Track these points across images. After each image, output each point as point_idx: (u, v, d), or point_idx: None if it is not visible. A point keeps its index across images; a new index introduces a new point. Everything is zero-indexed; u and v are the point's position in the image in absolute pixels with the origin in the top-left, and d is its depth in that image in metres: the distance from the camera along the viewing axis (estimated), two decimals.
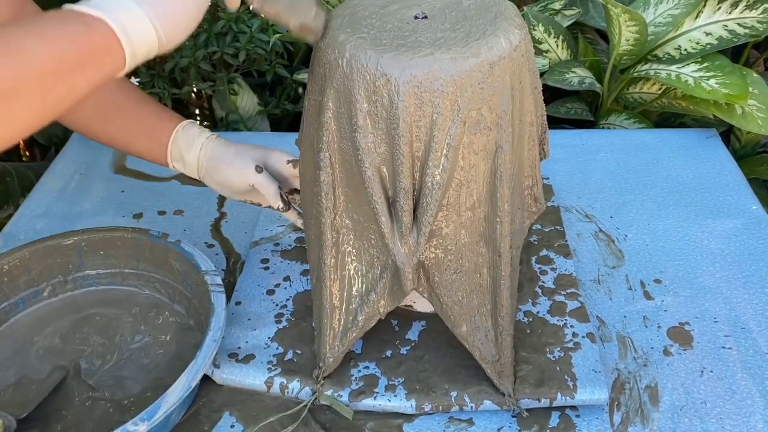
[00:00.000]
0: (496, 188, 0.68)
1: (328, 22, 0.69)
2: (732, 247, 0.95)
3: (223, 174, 0.80)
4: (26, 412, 0.73)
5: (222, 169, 0.80)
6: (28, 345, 0.81)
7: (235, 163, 0.80)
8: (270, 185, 0.80)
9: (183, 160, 0.81)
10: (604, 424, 0.74)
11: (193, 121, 0.82)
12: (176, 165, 0.82)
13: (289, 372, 0.77)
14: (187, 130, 0.81)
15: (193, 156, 0.81)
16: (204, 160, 0.81)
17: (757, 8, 1.14)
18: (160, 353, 0.80)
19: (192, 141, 0.80)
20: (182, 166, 0.82)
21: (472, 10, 0.70)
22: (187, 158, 0.81)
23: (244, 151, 0.81)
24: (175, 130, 0.80)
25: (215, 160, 0.80)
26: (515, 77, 0.67)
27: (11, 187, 1.24)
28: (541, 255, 0.92)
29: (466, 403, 0.74)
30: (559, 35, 1.28)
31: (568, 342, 0.79)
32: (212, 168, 0.81)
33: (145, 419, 0.65)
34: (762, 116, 1.11)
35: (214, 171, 0.81)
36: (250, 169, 0.79)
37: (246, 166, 0.80)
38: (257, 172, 0.79)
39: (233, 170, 0.80)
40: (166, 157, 0.81)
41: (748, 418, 0.74)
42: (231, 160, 0.80)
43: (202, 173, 0.82)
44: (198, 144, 0.80)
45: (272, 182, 0.81)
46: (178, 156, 0.81)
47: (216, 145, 0.81)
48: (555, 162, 1.09)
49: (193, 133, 0.81)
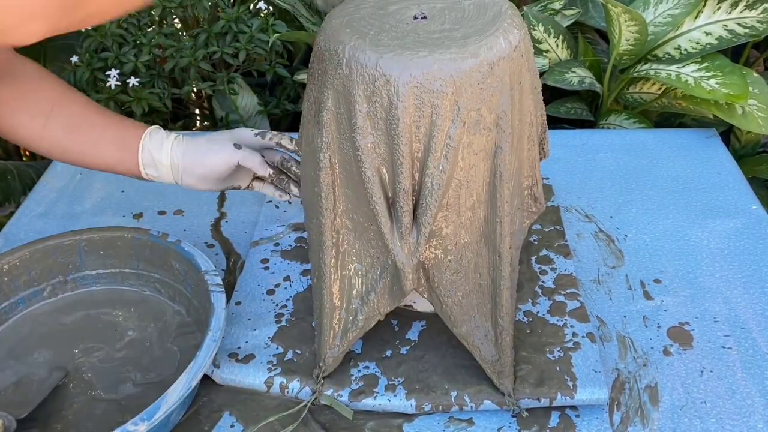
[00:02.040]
0: (496, 188, 0.68)
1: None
2: (732, 247, 0.95)
3: (205, 163, 0.80)
4: (26, 412, 0.73)
5: (203, 158, 0.80)
6: (28, 345, 0.81)
7: (214, 148, 0.80)
8: (254, 156, 0.81)
9: (156, 164, 0.80)
10: (604, 423, 0.74)
11: (158, 126, 0.83)
12: (149, 172, 0.81)
13: (289, 372, 0.77)
14: (154, 134, 0.81)
15: (165, 157, 0.80)
16: (179, 157, 0.80)
17: (757, 8, 1.14)
18: (160, 353, 0.80)
19: (161, 143, 0.80)
20: (155, 171, 0.81)
21: (471, 11, 0.70)
22: (161, 160, 0.80)
23: (216, 137, 0.82)
24: (143, 136, 0.80)
25: (192, 153, 0.80)
26: (515, 77, 0.67)
27: (12, 185, 1.24)
28: (541, 255, 0.92)
29: (466, 402, 0.74)
30: (559, 35, 1.28)
31: (568, 342, 0.79)
32: (191, 162, 0.81)
33: (145, 419, 0.65)
34: (762, 116, 1.11)
35: (193, 164, 0.81)
36: (230, 149, 0.80)
37: (225, 147, 0.80)
38: (237, 149, 0.80)
39: (214, 155, 0.80)
40: (138, 165, 0.81)
41: (748, 418, 0.74)
42: (208, 147, 0.80)
43: (178, 173, 0.81)
44: (168, 144, 0.80)
45: (254, 153, 0.81)
46: (150, 161, 0.80)
47: (186, 141, 0.81)
48: (555, 162, 1.09)
49: (161, 135, 0.81)
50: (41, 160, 1.52)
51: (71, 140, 0.80)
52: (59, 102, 0.80)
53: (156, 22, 1.28)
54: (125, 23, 1.23)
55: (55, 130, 0.79)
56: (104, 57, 1.20)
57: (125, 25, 1.23)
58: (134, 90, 1.18)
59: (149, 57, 1.20)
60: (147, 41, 1.20)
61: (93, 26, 0.58)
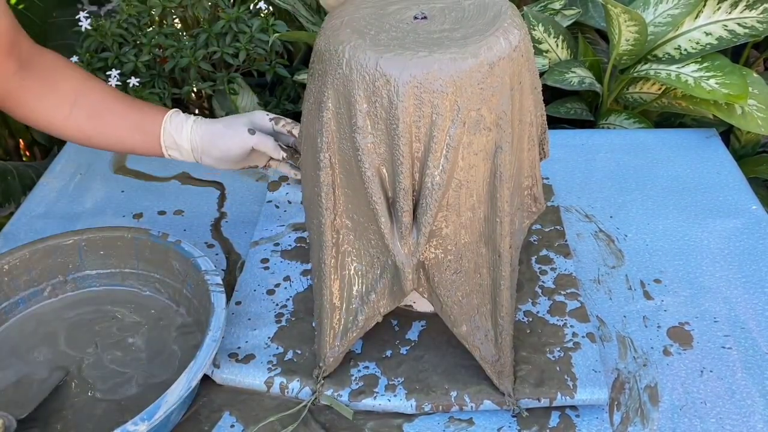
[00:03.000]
0: (496, 188, 0.68)
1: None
2: (732, 247, 0.95)
3: (221, 147, 0.84)
4: (26, 412, 0.73)
5: (219, 143, 0.84)
6: (28, 345, 0.81)
7: (229, 133, 0.84)
8: (267, 140, 0.85)
9: (177, 146, 0.85)
10: (604, 423, 0.74)
11: (177, 110, 0.86)
12: (171, 153, 0.86)
13: (289, 372, 0.77)
14: (174, 118, 0.85)
15: (185, 140, 0.85)
16: (197, 141, 0.85)
17: (757, 8, 1.14)
18: (160, 353, 0.80)
19: (181, 126, 0.84)
20: (178, 153, 0.86)
21: (471, 11, 0.70)
22: (181, 143, 0.85)
23: (232, 121, 0.85)
24: (164, 120, 0.84)
25: (209, 137, 0.84)
26: (515, 77, 0.67)
27: (12, 186, 1.24)
28: (541, 255, 0.92)
29: (466, 402, 0.74)
30: (559, 35, 1.28)
31: (568, 342, 0.79)
32: (208, 145, 0.85)
33: (145, 419, 0.65)
34: (762, 116, 1.11)
35: (211, 147, 0.85)
36: (245, 134, 0.84)
37: (240, 132, 0.84)
38: (251, 134, 0.84)
39: (230, 140, 0.84)
40: (160, 147, 0.85)
41: (748, 418, 0.74)
42: (224, 133, 0.84)
43: (198, 154, 0.86)
44: (187, 128, 0.84)
45: (268, 137, 0.86)
46: (171, 143, 0.85)
47: (204, 124, 0.85)
48: (555, 162, 1.09)
49: (180, 119, 0.85)
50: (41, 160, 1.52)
51: (95, 127, 0.84)
52: (82, 90, 0.83)
53: (156, 22, 1.28)
54: (125, 23, 1.23)
55: (79, 117, 0.83)
56: (104, 57, 1.20)
57: (125, 24, 1.23)
58: (135, 90, 1.18)
59: (149, 57, 1.20)
60: (147, 41, 1.20)
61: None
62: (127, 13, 1.23)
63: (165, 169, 1.12)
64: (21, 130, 1.52)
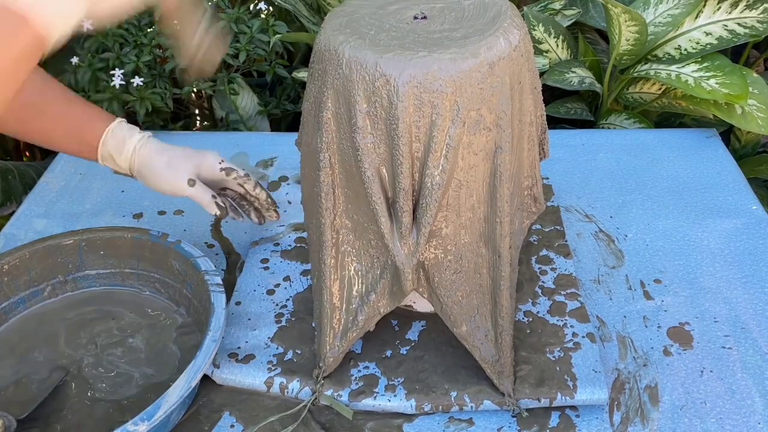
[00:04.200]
0: (496, 188, 0.68)
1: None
2: (732, 247, 0.95)
3: (155, 184, 0.81)
4: (26, 412, 0.73)
5: (154, 179, 0.81)
6: (28, 345, 0.81)
7: (167, 176, 0.80)
8: (204, 195, 0.81)
9: (114, 163, 0.82)
10: (604, 424, 0.74)
11: (121, 120, 0.81)
12: (108, 164, 0.82)
13: (289, 372, 0.77)
14: (116, 133, 0.80)
15: (124, 161, 0.81)
16: (136, 165, 0.81)
17: (757, 8, 1.14)
18: (160, 353, 0.80)
19: (122, 145, 0.80)
20: (115, 167, 0.82)
21: (471, 11, 0.70)
22: (119, 162, 0.81)
23: (176, 164, 0.80)
24: (104, 133, 0.80)
25: (147, 169, 0.80)
26: (515, 77, 0.67)
27: (13, 185, 1.24)
28: (541, 255, 0.92)
29: (466, 403, 0.74)
30: (559, 35, 1.28)
31: (568, 342, 0.79)
32: (144, 176, 0.81)
33: (145, 419, 0.65)
34: (762, 116, 1.11)
35: (146, 179, 0.82)
36: (183, 182, 0.80)
37: (179, 178, 0.80)
38: (189, 186, 0.80)
39: (165, 182, 0.80)
40: (97, 159, 0.82)
41: (748, 418, 0.74)
42: (162, 172, 0.80)
43: (135, 175, 0.83)
44: (129, 148, 0.80)
45: (206, 191, 0.81)
46: (109, 158, 0.81)
47: (147, 152, 0.80)
48: (555, 162, 1.09)
49: (123, 136, 0.80)
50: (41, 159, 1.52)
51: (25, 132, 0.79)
52: None
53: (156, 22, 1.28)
54: (126, 23, 1.24)
55: (8, 120, 0.77)
56: (105, 58, 1.20)
57: (126, 25, 1.23)
58: (138, 90, 1.18)
59: (150, 57, 1.21)
60: (148, 41, 1.20)
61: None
62: None
63: None
64: None
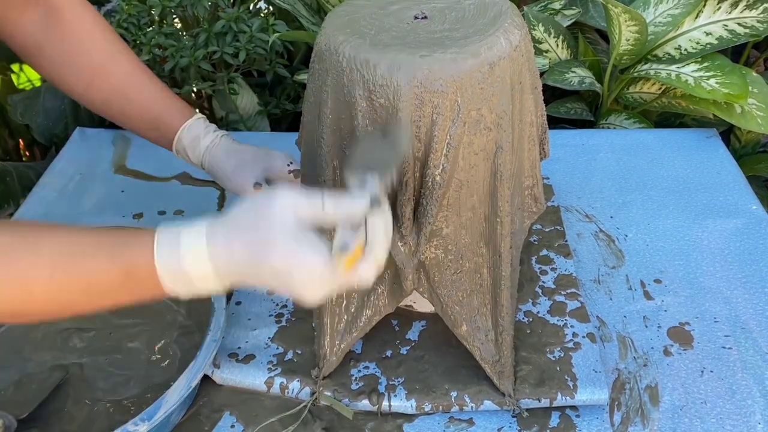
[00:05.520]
0: (496, 188, 0.68)
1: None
2: (732, 247, 0.95)
3: (223, 184, 0.83)
4: (26, 412, 0.73)
5: (223, 180, 0.83)
6: (28, 345, 0.81)
7: (234, 179, 0.81)
8: None
9: (188, 158, 0.84)
10: (604, 424, 0.74)
11: (200, 116, 0.83)
12: (182, 158, 0.85)
13: (289, 372, 0.77)
14: (192, 130, 0.82)
15: (196, 158, 0.83)
16: (207, 164, 0.83)
17: (757, 8, 1.14)
18: (160, 353, 0.80)
19: (197, 142, 0.82)
20: (188, 161, 0.84)
21: (471, 11, 0.70)
22: (192, 158, 0.83)
23: (244, 167, 0.81)
24: (180, 129, 0.82)
25: (217, 170, 0.82)
26: (515, 77, 0.67)
27: (12, 187, 1.24)
28: (541, 255, 0.92)
29: (466, 403, 0.74)
30: (559, 35, 1.28)
31: (568, 342, 0.79)
32: (215, 175, 0.83)
33: (145, 419, 0.65)
34: (762, 115, 1.11)
35: (216, 178, 0.84)
36: (249, 186, 0.81)
37: (245, 182, 0.81)
38: (255, 189, 0.81)
39: (232, 185, 0.82)
40: (172, 149, 0.84)
41: (748, 418, 0.74)
42: (231, 176, 0.81)
43: (207, 172, 0.84)
44: (202, 147, 0.82)
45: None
46: (183, 153, 0.84)
47: (218, 153, 0.82)
48: (555, 162, 1.09)
49: (198, 134, 0.82)
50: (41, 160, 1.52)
51: (109, 113, 0.82)
52: (100, 72, 0.79)
53: (156, 21, 1.28)
54: (125, 23, 1.23)
55: (95, 100, 0.80)
56: None
57: (125, 24, 1.23)
58: None
59: (149, 57, 1.20)
60: (147, 41, 1.20)
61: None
62: (127, 13, 1.23)
63: (165, 169, 1.12)
64: (21, 130, 1.52)
